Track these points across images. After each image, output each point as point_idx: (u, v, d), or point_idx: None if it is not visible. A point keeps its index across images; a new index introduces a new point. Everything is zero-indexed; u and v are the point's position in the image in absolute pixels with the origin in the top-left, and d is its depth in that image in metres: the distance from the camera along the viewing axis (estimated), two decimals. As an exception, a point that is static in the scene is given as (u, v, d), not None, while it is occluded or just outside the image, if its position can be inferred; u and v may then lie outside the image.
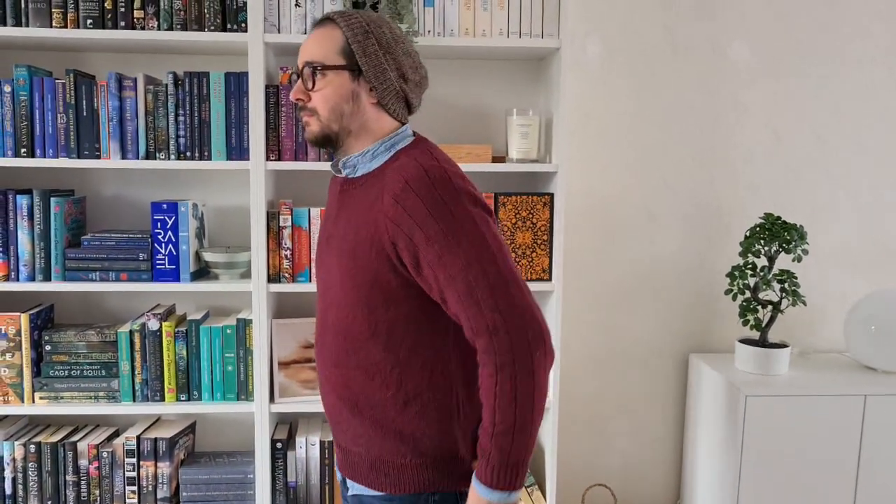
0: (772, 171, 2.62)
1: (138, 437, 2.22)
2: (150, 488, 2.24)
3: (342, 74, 1.34)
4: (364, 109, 1.37)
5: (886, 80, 2.61)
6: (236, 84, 2.13)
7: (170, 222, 2.16)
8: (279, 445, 2.24)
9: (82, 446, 2.22)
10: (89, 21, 2.06)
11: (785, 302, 2.65)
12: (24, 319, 2.16)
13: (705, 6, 2.54)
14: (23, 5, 2.05)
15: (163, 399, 2.20)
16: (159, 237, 2.16)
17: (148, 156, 2.14)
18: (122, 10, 2.06)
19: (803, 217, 2.65)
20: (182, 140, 2.14)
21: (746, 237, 2.38)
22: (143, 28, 2.08)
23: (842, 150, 2.63)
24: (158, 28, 2.08)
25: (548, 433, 2.31)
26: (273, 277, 2.18)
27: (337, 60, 1.34)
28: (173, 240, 2.16)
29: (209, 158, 2.14)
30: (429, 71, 2.43)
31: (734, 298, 2.37)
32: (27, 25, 2.05)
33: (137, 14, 2.07)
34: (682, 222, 2.62)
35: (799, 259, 2.35)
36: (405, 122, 1.44)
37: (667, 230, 2.62)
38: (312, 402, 2.22)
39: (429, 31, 2.13)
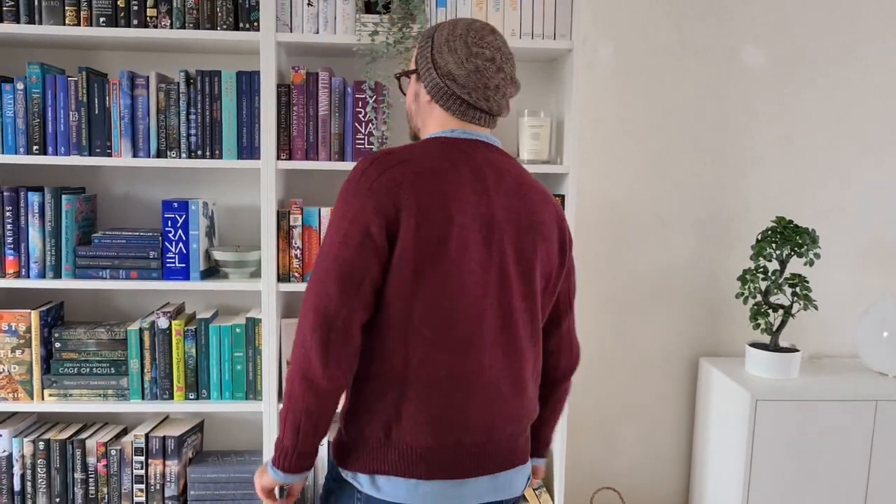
0: (783, 175, 2.61)
1: (147, 436, 2.22)
2: (158, 487, 2.24)
3: (413, 77, 1.48)
4: (424, 107, 1.46)
5: (900, 83, 2.60)
6: (248, 83, 2.13)
7: (180, 221, 2.16)
8: (287, 445, 2.23)
9: (91, 444, 2.22)
10: (102, 19, 2.06)
11: (796, 306, 2.64)
12: (34, 316, 2.16)
13: (716, 10, 2.53)
14: (36, 3, 2.05)
15: (171, 397, 2.20)
16: (170, 235, 2.16)
17: (159, 154, 2.14)
18: (135, 8, 2.07)
19: (814, 221, 2.64)
20: (193, 139, 2.14)
21: (758, 241, 2.37)
22: (155, 26, 2.08)
23: (853, 154, 2.62)
24: (171, 26, 2.08)
25: (556, 435, 2.31)
26: (283, 277, 2.18)
27: (411, 66, 1.49)
28: (184, 238, 2.16)
29: (220, 157, 2.14)
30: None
31: (745, 302, 2.36)
32: (40, 23, 2.06)
33: (150, 12, 2.07)
34: (692, 226, 2.61)
35: (811, 263, 2.33)
36: (472, 121, 1.44)
37: (677, 233, 2.61)
38: (321, 402, 2.22)
39: (441, 32, 2.13)
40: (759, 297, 2.46)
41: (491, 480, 1.40)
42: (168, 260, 2.16)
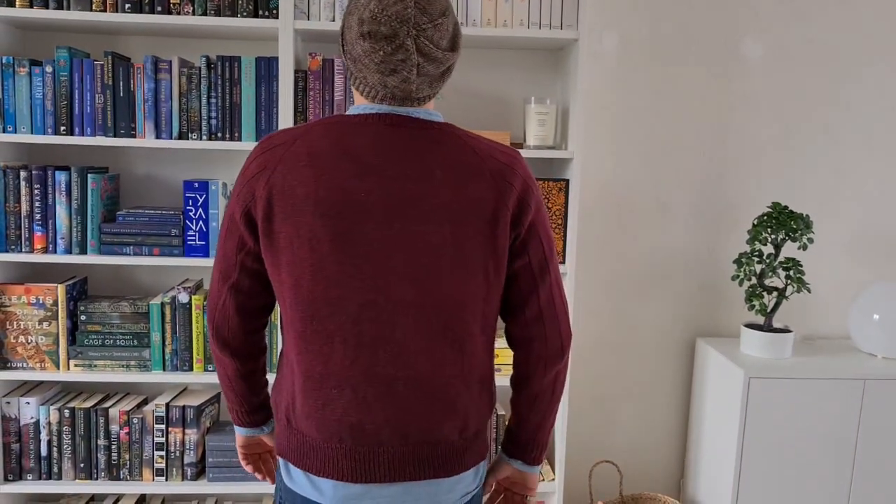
0: (781, 163, 2.70)
1: (167, 405, 2.32)
2: (178, 454, 2.34)
3: None
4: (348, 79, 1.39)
5: None
6: (266, 68, 2.22)
7: (200, 200, 2.26)
8: (301, 415, 2.33)
9: (114, 412, 2.33)
10: (127, 6, 2.15)
11: (790, 289, 2.73)
12: (60, 290, 2.26)
13: (720, 1, 2.60)
14: (65, -11, 2.14)
15: (191, 369, 2.30)
16: (190, 214, 2.25)
17: (181, 136, 2.23)
18: (160, -5, 2.16)
19: (811, 208, 2.72)
20: (214, 121, 2.23)
21: (754, 225, 2.46)
22: (178, 13, 2.16)
23: (850, 144, 2.70)
24: (193, 13, 2.17)
25: (558, 411, 2.41)
26: (298, 255, 2.27)
27: None
28: (204, 217, 2.26)
29: (239, 139, 2.24)
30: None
31: (741, 284, 2.46)
32: (69, 9, 2.14)
33: (174, 0, 2.16)
34: (692, 211, 2.70)
35: (804, 247, 2.43)
36: (384, 101, 1.28)
37: (677, 218, 2.70)
38: (334, 375, 2.32)
39: (452, 21, 2.21)
40: (754, 280, 2.55)
41: (391, 490, 1.30)
42: (189, 237, 2.26)
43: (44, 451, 2.32)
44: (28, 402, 2.30)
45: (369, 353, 1.26)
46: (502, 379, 2.37)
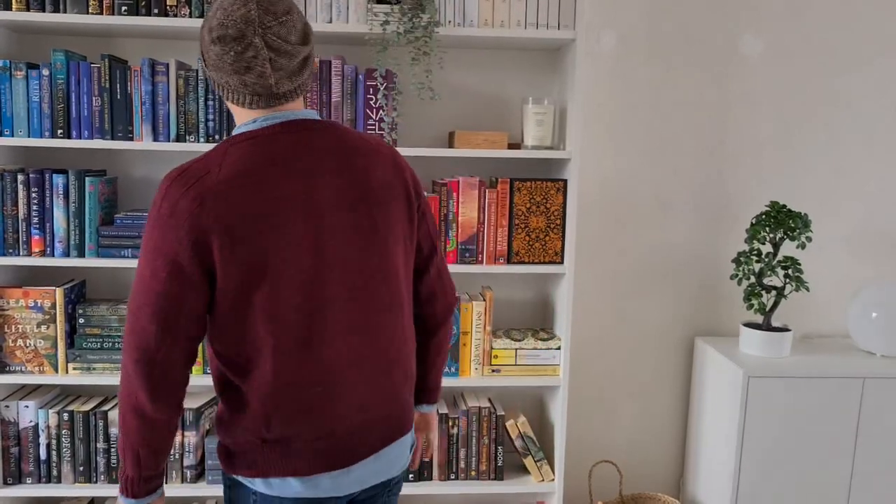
0: (781, 161, 2.70)
1: (166, 408, 2.32)
2: (177, 456, 2.34)
3: None
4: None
5: None
6: (263, 70, 2.21)
7: (198, 202, 2.25)
8: (300, 417, 2.33)
9: (113, 415, 2.33)
10: (124, 8, 2.15)
11: (788, 287, 2.73)
12: (59, 294, 2.26)
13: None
14: (61, -8, 2.14)
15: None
16: (188, 216, 2.25)
17: (178, 138, 2.23)
18: (156, -3, 2.16)
19: (811, 207, 2.72)
20: (211, 123, 2.23)
21: (752, 224, 2.46)
22: (175, 15, 2.16)
23: (850, 142, 2.70)
24: (190, 15, 2.16)
25: (557, 410, 2.41)
26: (297, 256, 2.27)
27: None
28: (202, 219, 2.25)
29: (237, 141, 2.23)
30: (449, 60, 2.51)
31: (739, 283, 2.46)
32: (65, 11, 2.14)
33: (170, 1, 2.16)
34: (691, 210, 2.70)
35: (803, 246, 2.43)
36: (265, 107, 1.34)
37: (676, 217, 2.70)
38: (333, 377, 2.31)
39: (449, 22, 2.21)
40: (752, 279, 2.55)
41: (374, 462, 1.41)
42: (187, 240, 2.26)
43: (43, 455, 2.32)
44: (27, 406, 2.30)
45: (341, 347, 1.35)
46: (502, 380, 2.38)
